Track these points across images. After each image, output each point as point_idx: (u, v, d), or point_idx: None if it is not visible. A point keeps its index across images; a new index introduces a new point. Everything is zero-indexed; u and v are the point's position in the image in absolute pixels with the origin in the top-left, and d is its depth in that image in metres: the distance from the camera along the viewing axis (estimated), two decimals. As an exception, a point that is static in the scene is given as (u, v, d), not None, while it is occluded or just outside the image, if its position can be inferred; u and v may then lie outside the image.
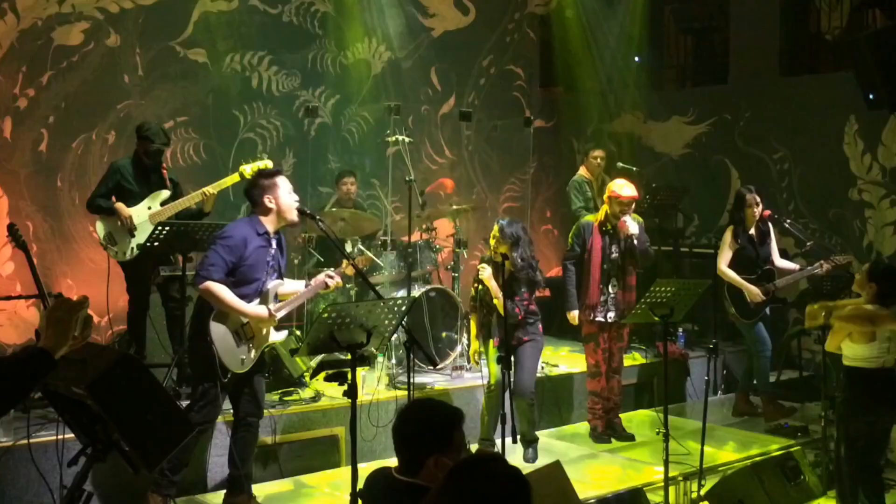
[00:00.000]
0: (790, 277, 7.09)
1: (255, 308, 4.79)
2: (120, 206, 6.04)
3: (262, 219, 4.87)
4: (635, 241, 6.34)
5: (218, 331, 4.72)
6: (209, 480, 5.37)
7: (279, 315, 4.87)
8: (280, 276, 5.00)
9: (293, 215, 4.88)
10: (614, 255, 6.43)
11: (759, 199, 7.01)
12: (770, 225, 7.23)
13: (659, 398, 7.47)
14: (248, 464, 5.00)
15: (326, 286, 4.97)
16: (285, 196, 4.86)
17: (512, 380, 5.49)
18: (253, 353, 4.84)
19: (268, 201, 4.86)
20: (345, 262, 5.13)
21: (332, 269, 5.11)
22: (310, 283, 5.07)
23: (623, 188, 6.41)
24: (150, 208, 6.10)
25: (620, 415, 6.85)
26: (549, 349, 7.99)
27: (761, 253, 7.07)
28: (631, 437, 6.60)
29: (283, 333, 5.06)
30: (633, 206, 6.43)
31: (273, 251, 4.91)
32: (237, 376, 4.84)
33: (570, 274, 6.53)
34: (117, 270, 6.32)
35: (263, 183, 4.89)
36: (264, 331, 4.88)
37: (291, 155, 8.40)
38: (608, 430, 6.62)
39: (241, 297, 4.76)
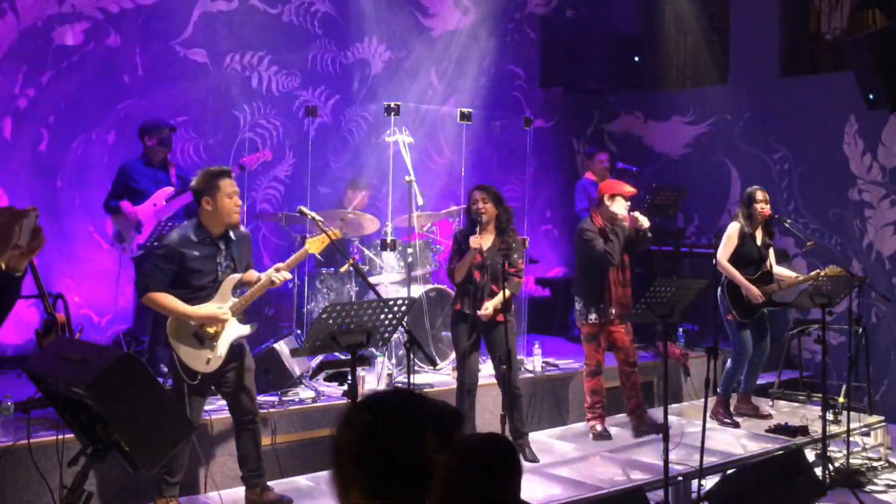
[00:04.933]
0: (786, 283, 7.09)
1: (199, 310, 4.74)
2: (125, 204, 6.22)
3: (203, 222, 4.85)
4: (649, 234, 6.43)
5: (175, 335, 4.72)
6: (209, 480, 5.36)
7: (226, 312, 4.79)
8: (238, 271, 4.94)
9: (234, 218, 4.84)
10: (615, 255, 6.43)
11: (768, 197, 7.03)
12: (776, 229, 7.24)
13: (658, 398, 7.47)
14: (252, 460, 5.00)
15: (272, 283, 4.91)
16: (225, 199, 4.80)
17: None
18: (219, 350, 4.79)
19: (206, 203, 4.82)
20: (307, 241, 5.09)
21: (279, 263, 5.04)
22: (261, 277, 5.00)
23: (623, 186, 6.51)
24: (155, 205, 6.28)
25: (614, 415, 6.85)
26: (549, 349, 8.00)
27: (763, 254, 7.06)
28: (665, 428, 6.47)
29: (247, 327, 4.97)
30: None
31: (224, 252, 4.88)
32: (217, 376, 4.83)
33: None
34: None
35: (206, 182, 4.84)
36: (223, 328, 4.81)
37: (291, 155, 8.40)
38: (642, 427, 6.60)
39: (197, 298, 4.77)
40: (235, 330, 4.88)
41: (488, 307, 5.84)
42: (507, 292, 5.82)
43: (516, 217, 9.40)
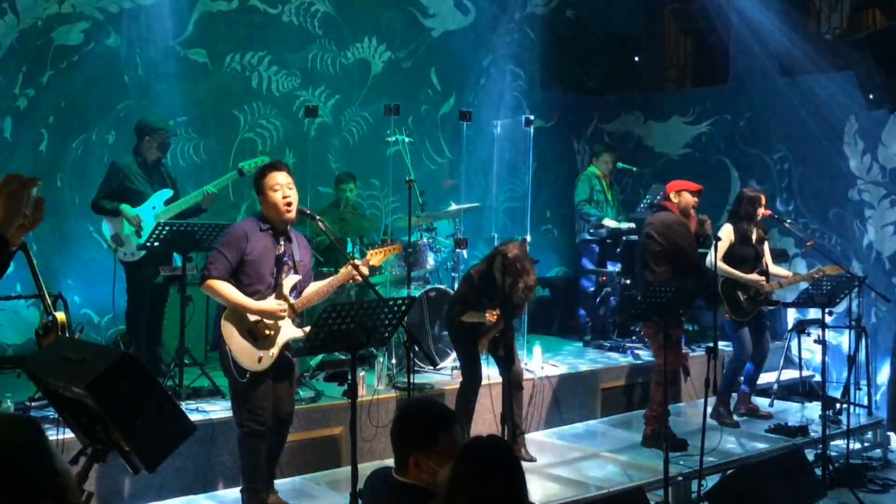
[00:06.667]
0: (785, 280, 7.09)
1: (259, 303, 4.69)
2: (126, 208, 6.10)
3: (264, 215, 4.85)
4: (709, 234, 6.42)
5: (229, 330, 4.67)
6: (210, 480, 5.36)
7: (285, 309, 4.72)
8: (298, 273, 4.88)
9: (282, 213, 4.76)
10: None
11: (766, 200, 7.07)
12: (775, 229, 7.25)
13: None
14: (270, 462, 4.99)
15: (352, 279, 4.84)
16: (269, 193, 4.77)
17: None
18: (272, 350, 4.73)
19: (260, 201, 4.85)
20: (370, 252, 5.03)
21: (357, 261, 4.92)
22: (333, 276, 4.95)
23: (690, 183, 6.60)
24: (154, 208, 6.19)
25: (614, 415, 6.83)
26: (549, 349, 8.00)
27: (759, 251, 7.08)
28: (685, 445, 6.38)
29: (301, 330, 4.87)
30: None
31: (283, 247, 4.83)
32: (263, 376, 4.75)
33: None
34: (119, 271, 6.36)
35: (257, 179, 4.87)
36: (280, 327, 4.76)
37: (291, 155, 8.40)
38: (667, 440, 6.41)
39: (254, 293, 4.71)
40: (290, 331, 4.80)
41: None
42: None
43: (516, 217, 9.43)
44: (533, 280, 5.72)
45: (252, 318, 4.71)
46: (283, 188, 4.75)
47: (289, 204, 4.75)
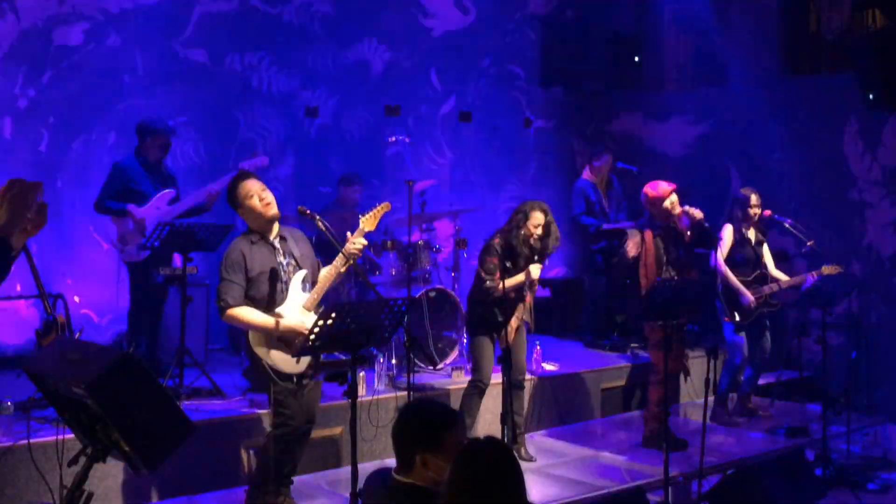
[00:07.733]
0: (785, 284, 7.08)
1: (283, 322, 4.69)
2: (132, 207, 6.14)
3: (250, 227, 4.86)
4: (706, 224, 6.31)
5: (261, 345, 4.69)
6: (210, 480, 5.36)
7: (304, 324, 4.69)
8: (303, 268, 4.88)
9: (264, 213, 4.79)
10: (672, 255, 6.39)
11: (759, 200, 7.03)
12: (775, 230, 7.23)
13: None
14: (293, 467, 4.98)
15: (351, 256, 4.81)
16: (247, 202, 4.78)
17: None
18: None
19: (241, 215, 4.86)
20: (362, 220, 4.98)
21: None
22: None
23: (660, 185, 6.40)
24: (157, 208, 6.21)
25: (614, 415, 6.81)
26: (550, 349, 8.00)
27: (758, 252, 7.08)
28: (685, 445, 6.35)
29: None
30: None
31: (280, 250, 4.84)
32: (302, 377, 4.78)
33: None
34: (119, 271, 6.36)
35: (230, 196, 4.87)
36: (306, 325, 4.72)
37: (291, 155, 8.40)
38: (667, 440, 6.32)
39: (272, 303, 4.73)
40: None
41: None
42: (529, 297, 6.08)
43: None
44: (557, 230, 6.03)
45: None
46: (257, 192, 4.80)
47: (267, 204, 4.80)
